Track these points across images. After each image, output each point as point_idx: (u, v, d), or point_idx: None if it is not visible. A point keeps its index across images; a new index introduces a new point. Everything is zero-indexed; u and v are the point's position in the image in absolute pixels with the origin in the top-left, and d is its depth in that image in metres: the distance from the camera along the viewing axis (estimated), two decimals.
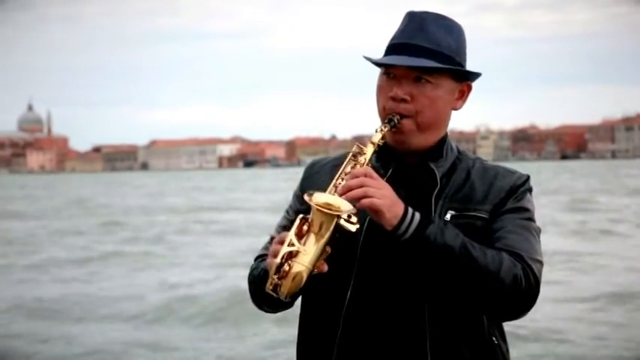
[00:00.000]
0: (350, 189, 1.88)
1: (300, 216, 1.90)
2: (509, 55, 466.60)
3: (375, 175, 1.92)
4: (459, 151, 2.11)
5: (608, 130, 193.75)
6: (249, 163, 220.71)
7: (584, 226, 22.94)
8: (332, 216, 1.85)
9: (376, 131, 2.00)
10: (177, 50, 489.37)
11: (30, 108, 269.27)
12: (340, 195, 1.88)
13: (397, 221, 1.89)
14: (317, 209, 1.85)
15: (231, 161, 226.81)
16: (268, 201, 39.29)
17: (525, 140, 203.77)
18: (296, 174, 2.26)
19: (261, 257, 2.16)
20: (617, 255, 16.30)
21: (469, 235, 1.95)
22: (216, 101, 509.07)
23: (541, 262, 1.98)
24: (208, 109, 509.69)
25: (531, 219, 2.03)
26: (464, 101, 2.09)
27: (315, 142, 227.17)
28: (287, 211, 2.21)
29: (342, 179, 1.95)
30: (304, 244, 1.87)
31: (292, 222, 2.04)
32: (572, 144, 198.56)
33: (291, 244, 1.87)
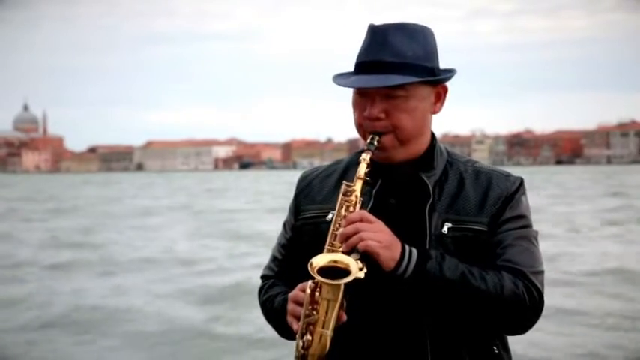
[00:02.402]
0: (347, 237, 1.89)
1: (310, 283, 1.90)
2: (504, 60, 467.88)
3: (371, 218, 1.92)
4: (449, 154, 2.10)
5: (603, 136, 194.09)
6: (244, 165, 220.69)
7: None
8: (338, 286, 1.86)
9: (359, 162, 1.99)
10: (173, 51, 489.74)
11: (26, 108, 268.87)
12: (340, 243, 1.90)
13: (395, 263, 1.89)
14: (323, 282, 1.86)
15: (226, 163, 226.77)
16: None
17: (521, 145, 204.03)
18: (292, 177, 2.34)
19: (266, 278, 2.21)
20: None
21: (468, 248, 1.97)
22: (213, 103, 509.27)
23: (542, 272, 2.00)
24: (204, 110, 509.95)
25: (528, 225, 2.04)
26: (442, 103, 2.07)
27: (311, 145, 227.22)
28: (284, 228, 2.22)
29: (339, 224, 1.94)
30: (319, 311, 1.89)
31: (289, 239, 2.18)
32: (567, 149, 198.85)
33: (308, 315, 1.89)
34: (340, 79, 2.06)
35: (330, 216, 2.05)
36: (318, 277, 1.85)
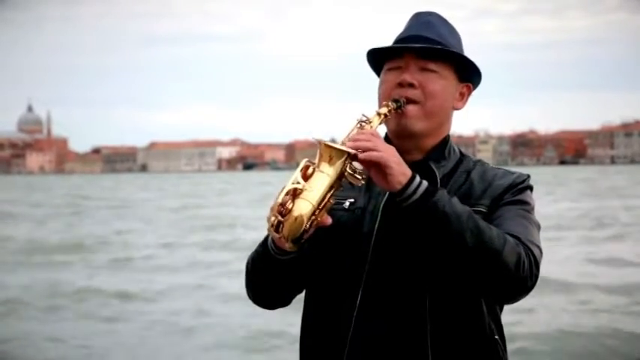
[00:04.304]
0: (358, 142, 1.87)
1: (305, 159, 1.87)
2: (508, 60, 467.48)
3: (381, 137, 1.93)
4: (461, 154, 2.13)
5: (607, 136, 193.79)
6: (248, 166, 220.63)
7: None
8: (341, 152, 1.83)
9: (382, 106, 2.01)
10: (177, 52, 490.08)
11: (30, 109, 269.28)
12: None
13: (406, 180, 1.85)
14: (325, 145, 1.83)
15: (230, 164, 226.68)
16: None
17: (524, 145, 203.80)
18: None
19: None
20: None
21: None
22: (216, 103, 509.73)
23: (540, 249, 1.97)
24: (208, 111, 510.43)
25: (530, 211, 2.03)
26: (464, 103, 2.12)
27: (314, 146, 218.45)
28: None
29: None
30: (309, 182, 1.83)
31: None
32: (571, 149, 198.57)
33: (295, 182, 1.82)
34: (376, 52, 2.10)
35: (347, 203, 2.05)
36: (324, 142, 1.84)
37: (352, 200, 2.05)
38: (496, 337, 2.03)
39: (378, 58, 2.12)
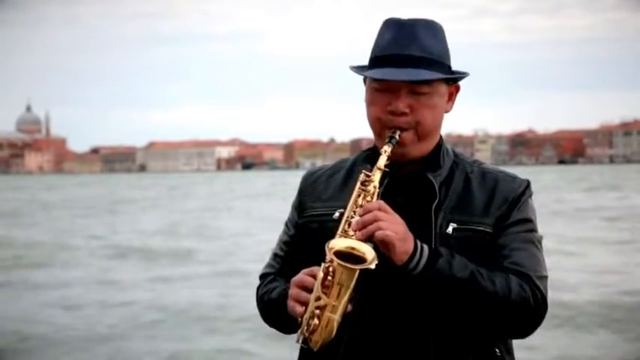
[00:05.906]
0: (364, 225, 1.86)
1: (323, 267, 1.86)
2: (507, 60, 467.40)
3: (388, 208, 1.90)
4: (455, 155, 2.10)
5: (606, 135, 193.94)
6: (247, 166, 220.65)
7: None
8: (353, 271, 1.83)
9: (380, 154, 1.98)
10: (175, 52, 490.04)
11: (28, 109, 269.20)
12: (354, 231, 1.87)
13: (407, 257, 1.88)
14: (339, 264, 1.82)
15: (229, 163, 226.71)
16: None
17: (523, 145, 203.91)
18: (296, 177, 2.25)
19: (266, 276, 2.17)
20: None
21: (472, 248, 1.96)
22: (215, 103, 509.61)
23: (546, 277, 1.99)
24: (207, 110, 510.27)
25: (534, 229, 2.04)
26: (453, 102, 2.09)
27: (313, 145, 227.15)
28: (287, 225, 2.20)
29: (354, 212, 1.92)
30: (330, 295, 1.85)
31: (292, 237, 2.15)
32: (570, 149, 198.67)
33: (318, 299, 1.85)
34: (362, 70, 2.05)
35: (337, 214, 2.02)
36: (337, 260, 1.82)
37: (342, 210, 2.01)
38: (499, 354, 2.02)
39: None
